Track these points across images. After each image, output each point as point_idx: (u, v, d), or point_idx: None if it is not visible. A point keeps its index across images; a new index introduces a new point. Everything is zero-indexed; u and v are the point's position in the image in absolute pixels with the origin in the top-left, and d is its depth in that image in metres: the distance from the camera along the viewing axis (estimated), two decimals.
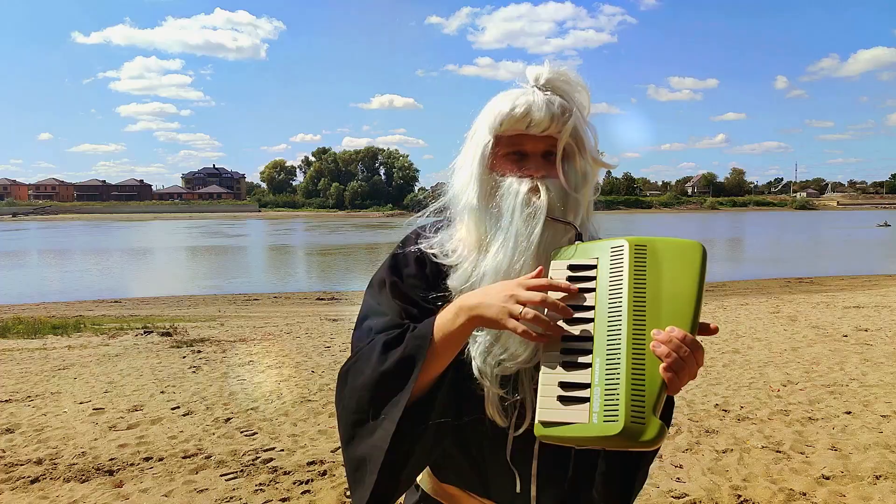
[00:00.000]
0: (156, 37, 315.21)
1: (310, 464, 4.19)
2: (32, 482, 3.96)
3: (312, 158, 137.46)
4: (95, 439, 4.70)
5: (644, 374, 0.97)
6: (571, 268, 1.09)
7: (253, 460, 4.26)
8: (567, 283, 1.07)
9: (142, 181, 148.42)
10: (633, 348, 0.99)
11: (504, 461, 1.22)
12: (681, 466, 4.03)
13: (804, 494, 3.63)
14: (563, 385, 1.01)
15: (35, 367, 7.16)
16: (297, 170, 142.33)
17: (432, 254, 1.25)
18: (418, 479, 1.34)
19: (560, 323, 1.05)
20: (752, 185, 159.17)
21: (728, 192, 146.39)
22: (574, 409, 0.99)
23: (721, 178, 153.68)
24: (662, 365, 0.96)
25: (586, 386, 1.00)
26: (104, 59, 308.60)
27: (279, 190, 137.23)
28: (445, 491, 1.31)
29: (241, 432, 4.82)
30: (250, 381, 6.39)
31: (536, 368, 1.08)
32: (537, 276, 1.08)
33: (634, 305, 1.01)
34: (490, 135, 1.21)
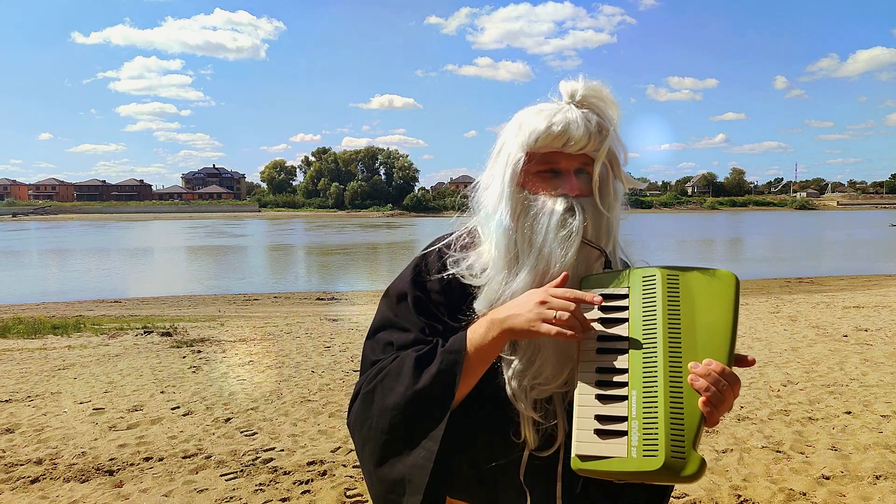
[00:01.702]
0: (156, 37, 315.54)
1: (310, 464, 4.19)
2: (32, 482, 3.96)
3: (312, 158, 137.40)
4: (95, 439, 4.70)
5: (682, 408, 0.96)
6: (603, 297, 1.08)
7: (253, 460, 4.26)
8: (592, 295, 1.06)
9: (142, 181, 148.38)
10: (671, 381, 0.98)
11: (517, 481, 1.20)
12: None
13: (804, 494, 3.63)
14: (600, 418, 1.01)
15: (35, 367, 7.16)
16: (297, 170, 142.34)
17: (460, 275, 1.21)
18: None
19: (591, 353, 1.05)
20: (751, 185, 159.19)
21: (728, 192, 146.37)
22: (612, 442, 0.98)
23: (721, 178, 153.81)
24: (701, 399, 0.96)
25: (623, 419, 0.99)
26: (104, 59, 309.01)
27: (279, 190, 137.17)
28: None
29: (241, 432, 4.82)
30: (250, 381, 6.39)
31: (568, 392, 1.09)
32: (562, 281, 1.08)
33: (670, 337, 1.00)
34: (522, 152, 1.16)
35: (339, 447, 4.49)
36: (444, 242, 1.29)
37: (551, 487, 1.19)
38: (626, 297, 1.07)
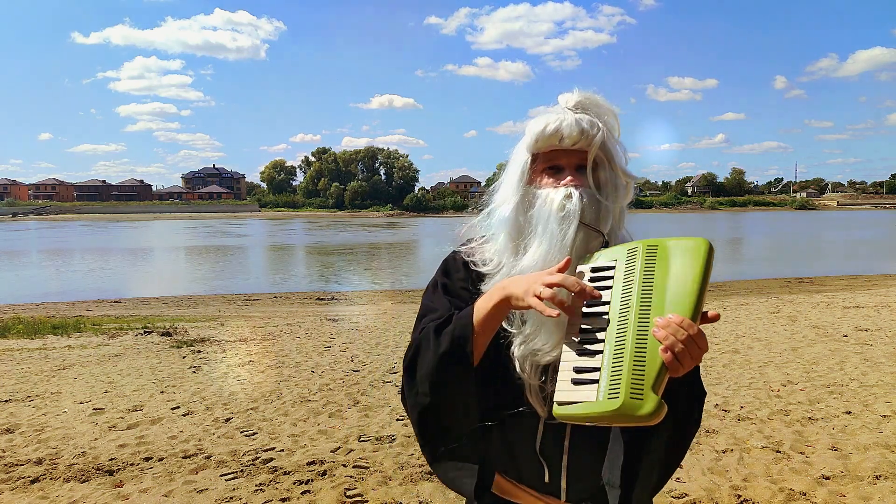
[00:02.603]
0: (155, 37, 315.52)
1: (310, 464, 4.19)
2: (32, 482, 3.96)
3: (312, 158, 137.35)
4: (95, 439, 4.70)
5: (645, 356, 1.07)
6: (593, 269, 1.21)
7: (253, 460, 4.26)
8: (575, 279, 1.17)
9: (142, 181, 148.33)
10: (637, 334, 1.09)
11: (534, 454, 1.33)
12: (681, 466, 4.03)
13: (804, 494, 3.63)
14: (577, 369, 1.13)
15: (35, 367, 7.16)
16: (297, 170, 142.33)
17: (472, 261, 1.40)
18: None
19: (579, 318, 1.17)
20: (751, 185, 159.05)
21: (728, 192, 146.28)
22: (585, 389, 1.10)
23: (721, 178, 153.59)
24: (661, 347, 1.06)
25: (597, 369, 1.10)
26: (104, 60, 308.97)
27: (279, 190, 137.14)
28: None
29: (241, 432, 4.82)
30: (250, 381, 6.39)
31: None
32: (565, 265, 1.19)
33: (642, 297, 1.12)
34: (528, 153, 1.34)
35: (339, 447, 4.49)
36: (468, 242, 1.46)
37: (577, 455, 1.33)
38: (612, 268, 1.19)
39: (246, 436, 4.75)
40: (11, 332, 9.80)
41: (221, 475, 4.03)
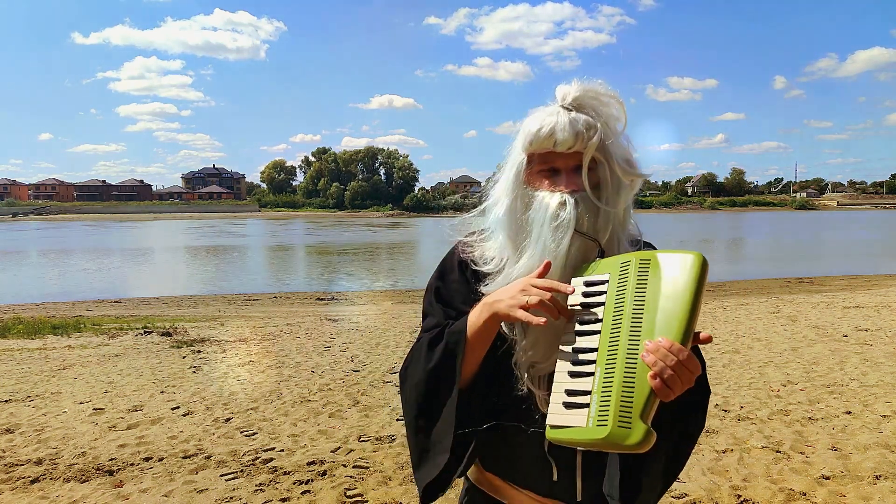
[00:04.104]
0: (155, 37, 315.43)
1: (310, 464, 4.19)
2: (32, 482, 3.96)
3: (312, 158, 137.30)
4: (95, 439, 4.70)
5: (634, 382, 1.04)
6: (586, 283, 1.18)
7: (253, 460, 4.26)
8: (567, 286, 1.17)
9: (142, 181, 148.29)
10: (627, 357, 1.06)
11: (540, 454, 1.31)
12: None
13: (804, 494, 3.63)
14: (569, 392, 1.11)
15: (35, 367, 7.16)
16: (297, 170, 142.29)
17: (471, 259, 1.37)
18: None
19: (571, 335, 1.15)
20: (751, 185, 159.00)
21: (728, 192, 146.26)
22: (575, 413, 1.09)
23: (721, 178, 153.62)
24: (650, 373, 1.03)
25: (587, 393, 1.09)
26: (104, 60, 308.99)
27: (279, 190, 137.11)
28: (489, 480, 1.41)
29: (241, 432, 4.82)
30: (250, 381, 6.39)
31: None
32: (544, 269, 1.19)
33: (633, 317, 1.08)
34: (523, 153, 1.29)
35: (339, 447, 4.49)
36: (470, 232, 1.44)
37: (575, 461, 1.32)
38: (605, 282, 1.15)
39: (246, 436, 4.75)
40: (11, 332, 9.80)
41: (221, 475, 4.03)
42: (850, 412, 5.07)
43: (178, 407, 5.49)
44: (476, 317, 1.25)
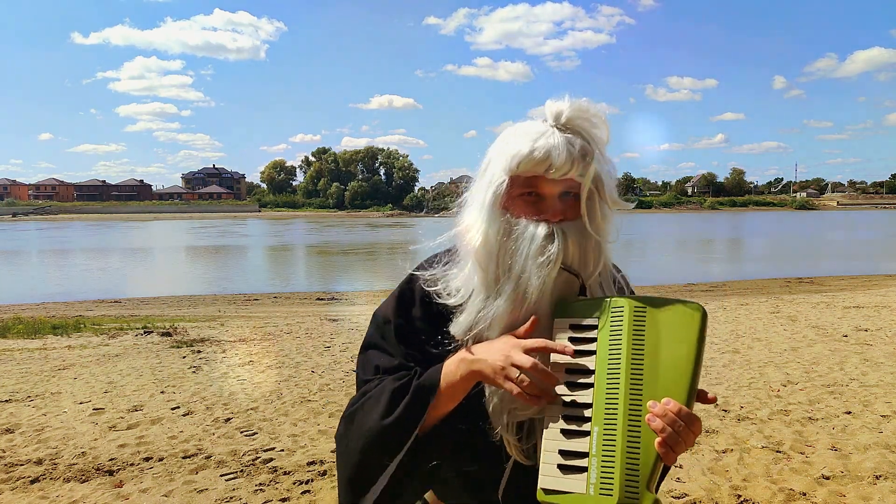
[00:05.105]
0: (155, 37, 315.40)
1: (310, 464, 4.19)
2: (32, 482, 3.96)
3: (312, 158, 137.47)
4: (95, 439, 4.70)
5: (639, 447, 0.98)
6: (573, 328, 1.10)
7: (253, 460, 4.26)
8: (563, 344, 1.08)
9: (142, 181, 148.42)
10: (630, 419, 1.00)
11: (493, 500, 1.22)
12: (681, 466, 4.03)
13: (804, 494, 3.63)
14: (563, 454, 1.03)
15: (35, 367, 7.16)
16: (297, 170, 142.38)
17: (435, 292, 1.22)
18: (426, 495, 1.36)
19: (561, 387, 1.07)
20: (751, 185, 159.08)
21: (728, 192, 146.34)
22: (573, 478, 1.01)
23: (721, 178, 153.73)
24: (657, 440, 0.97)
25: (585, 455, 1.01)
26: (104, 60, 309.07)
27: (279, 190, 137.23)
28: None
29: (241, 432, 4.82)
30: (250, 381, 6.39)
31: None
32: (532, 326, 1.10)
33: (632, 373, 1.02)
34: (505, 174, 1.15)
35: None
36: (433, 254, 1.30)
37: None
38: (595, 328, 1.08)
39: (246, 436, 4.75)
40: (11, 332, 9.80)
41: (221, 475, 4.03)
42: (850, 412, 5.07)
43: (178, 407, 5.49)
44: (452, 372, 1.13)
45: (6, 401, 5.75)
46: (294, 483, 3.90)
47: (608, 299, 1.09)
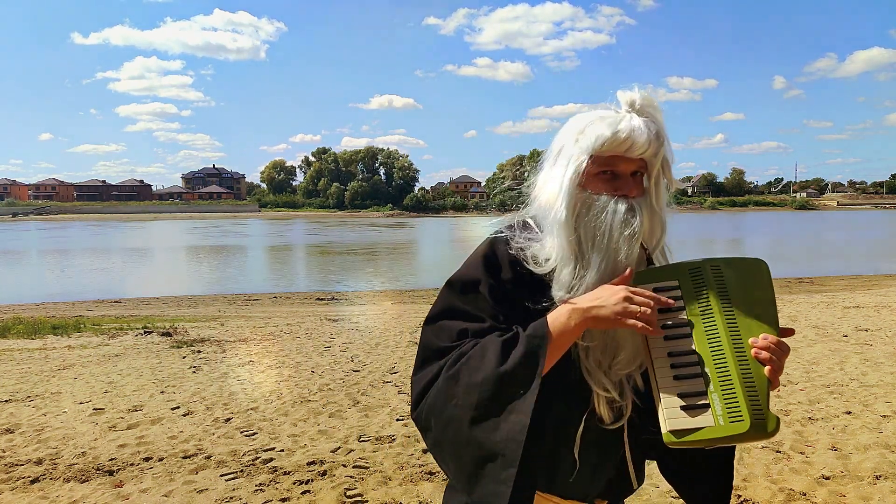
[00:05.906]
0: (155, 37, 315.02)
1: (310, 464, 4.19)
2: (32, 482, 3.96)
3: (312, 158, 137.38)
4: (95, 439, 4.71)
5: (752, 377, 1.13)
6: (657, 291, 1.22)
7: (253, 460, 4.26)
8: (667, 298, 1.21)
9: (142, 181, 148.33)
10: (737, 356, 1.15)
11: (570, 457, 1.30)
12: None
13: (804, 494, 3.63)
14: (683, 395, 1.16)
15: (35, 367, 7.16)
16: (297, 170, 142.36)
17: (525, 262, 1.28)
18: None
19: (662, 340, 1.20)
20: (751, 185, 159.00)
21: (728, 192, 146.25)
22: (698, 414, 1.14)
23: (721, 178, 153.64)
24: (767, 368, 1.14)
25: (703, 393, 1.15)
26: (104, 60, 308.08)
27: (279, 190, 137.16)
28: None
29: (241, 432, 4.82)
30: (250, 381, 6.39)
31: (639, 375, 1.27)
32: (629, 276, 1.22)
33: (726, 318, 1.17)
34: (586, 154, 1.25)
35: (339, 447, 4.49)
36: (507, 227, 1.34)
37: (608, 456, 1.33)
38: (676, 288, 1.22)
39: (246, 436, 4.75)
40: (11, 332, 9.81)
41: (221, 475, 4.03)
42: (850, 412, 5.07)
43: (178, 407, 5.49)
44: (563, 322, 1.19)
45: (6, 401, 5.76)
46: (294, 483, 3.90)
47: (681, 263, 1.25)
